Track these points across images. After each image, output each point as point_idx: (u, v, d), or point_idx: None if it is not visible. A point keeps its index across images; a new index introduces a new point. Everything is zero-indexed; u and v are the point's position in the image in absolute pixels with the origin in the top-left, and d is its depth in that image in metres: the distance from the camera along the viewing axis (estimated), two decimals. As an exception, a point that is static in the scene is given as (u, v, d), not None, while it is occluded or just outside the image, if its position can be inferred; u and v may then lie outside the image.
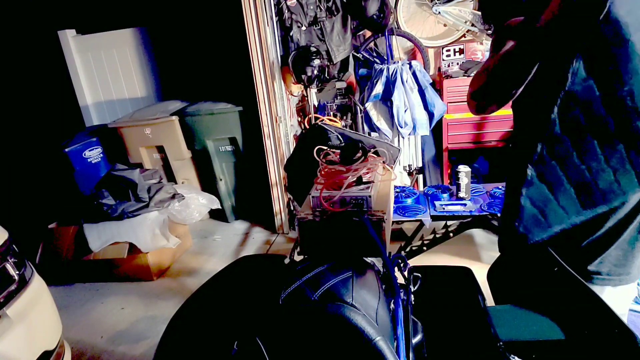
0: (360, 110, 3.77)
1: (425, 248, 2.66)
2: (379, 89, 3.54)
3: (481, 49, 3.84)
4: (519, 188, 1.12)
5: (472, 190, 2.69)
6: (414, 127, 3.55)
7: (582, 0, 0.86)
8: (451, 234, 2.60)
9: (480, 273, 1.33)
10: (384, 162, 1.34)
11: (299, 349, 0.84)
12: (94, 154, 4.11)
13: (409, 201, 2.76)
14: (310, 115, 3.63)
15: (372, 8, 3.55)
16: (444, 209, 2.60)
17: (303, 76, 3.30)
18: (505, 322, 1.04)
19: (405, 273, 1.10)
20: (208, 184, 4.07)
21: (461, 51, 3.87)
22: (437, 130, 3.79)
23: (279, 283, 0.91)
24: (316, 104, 3.91)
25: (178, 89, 4.65)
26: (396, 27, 3.83)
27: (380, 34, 3.84)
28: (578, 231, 1.12)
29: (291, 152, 2.37)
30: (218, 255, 3.57)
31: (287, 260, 1.24)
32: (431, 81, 3.61)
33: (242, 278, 1.22)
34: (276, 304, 0.86)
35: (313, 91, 3.67)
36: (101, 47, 4.66)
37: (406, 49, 4.07)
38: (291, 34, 3.45)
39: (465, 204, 2.60)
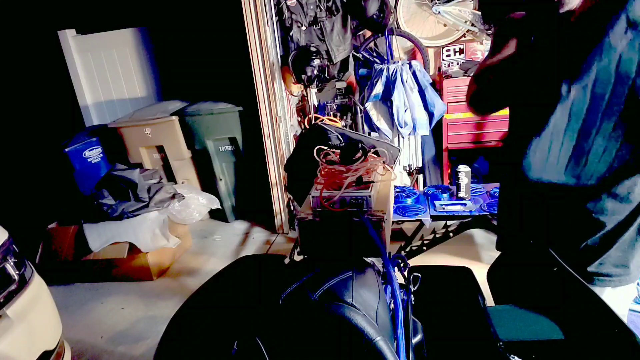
0: (360, 110, 3.76)
1: (425, 248, 2.65)
2: (379, 89, 3.54)
3: (481, 49, 3.84)
4: (553, 104, 1.03)
5: (472, 190, 2.68)
6: (414, 127, 3.55)
7: None
8: (451, 234, 2.60)
9: (480, 273, 1.33)
10: (384, 162, 1.33)
11: (299, 349, 0.84)
12: (94, 154, 4.11)
13: (409, 201, 2.76)
14: (310, 115, 3.63)
15: (372, 8, 3.55)
16: (444, 209, 2.60)
17: (303, 76, 3.30)
18: (505, 322, 1.04)
19: (405, 273, 1.10)
20: (208, 184, 4.07)
21: (461, 51, 3.87)
22: (437, 130, 3.79)
23: (279, 283, 0.91)
24: (316, 104, 3.91)
25: (178, 89, 4.64)
26: (396, 27, 3.82)
27: (380, 34, 3.83)
28: (575, 228, 1.12)
29: (291, 152, 2.37)
30: (218, 255, 3.57)
31: (287, 260, 1.24)
32: (431, 81, 3.61)
33: (242, 278, 1.22)
34: (276, 304, 0.86)
35: (313, 91, 3.67)
36: (101, 47, 4.66)
37: (406, 49, 4.07)
38: (291, 34, 3.45)
39: (465, 204, 2.60)
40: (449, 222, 2.61)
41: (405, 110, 3.50)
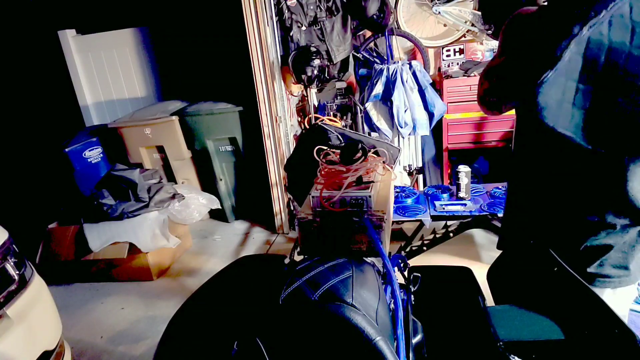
0: (360, 110, 3.76)
1: (425, 248, 2.65)
2: (379, 89, 3.54)
3: (481, 49, 3.83)
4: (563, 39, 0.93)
5: (472, 190, 2.68)
6: (414, 127, 3.54)
7: None
8: (451, 234, 2.60)
9: (480, 273, 1.33)
10: (384, 162, 1.34)
11: (299, 349, 0.84)
12: (94, 154, 4.11)
13: (409, 201, 2.76)
14: (310, 115, 3.63)
15: (372, 8, 3.55)
16: (444, 209, 2.60)
17: (303, 76, 3.30)
18: (505, 322, 1.04)
19: (405, 273, 1.10)
20: (208, 184, 4.07)
21: (461, 51, 3.87)
22: (437, 130, 3.79)
23: (279, 283, 0.91)
24: (316, 104, 3.91)
25: (178, 89, 4.65)
26: (396, 27, 3.82)
27: (380, 34, 3.83)
28: (576, 229, 1.12)
29: (291, 152, 2.37)
30: (218, 255, 3.56)
31: (287, 260, 1.23)
32: (431, 81, 3.61)
33: (242, 278, 1.22)
34: (276, 304, 0.86)
35: (313, 91, 3.67)
36: (101, 47, 4.66)
37: (406, 49, 4.07)
38: (291, 34, 3.45)
39: (465, 204, 2.60)
40: (449, 222, 2.61)
41: (405, 110, 3.50)
